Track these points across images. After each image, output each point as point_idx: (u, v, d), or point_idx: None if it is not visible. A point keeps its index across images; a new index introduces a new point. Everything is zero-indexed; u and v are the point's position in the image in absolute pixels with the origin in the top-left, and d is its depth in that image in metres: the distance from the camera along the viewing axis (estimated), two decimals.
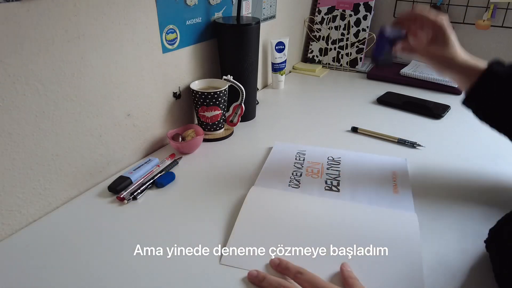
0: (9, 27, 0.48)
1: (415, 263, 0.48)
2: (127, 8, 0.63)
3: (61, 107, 0.57)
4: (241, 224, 0.55)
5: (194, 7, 0.78)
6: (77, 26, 0.56)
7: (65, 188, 0.61)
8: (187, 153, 0.76)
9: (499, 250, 0.47)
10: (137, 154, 0.74)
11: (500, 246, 0.47)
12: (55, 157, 0.58)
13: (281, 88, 1.14)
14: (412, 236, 0.52)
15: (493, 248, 0.48)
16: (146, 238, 0.53)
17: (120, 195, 0.61)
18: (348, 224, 0.54)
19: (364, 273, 0.47)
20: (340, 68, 1.31)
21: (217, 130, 0.82)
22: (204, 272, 0.48)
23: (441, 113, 0.93)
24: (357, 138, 0.83)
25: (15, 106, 0.51)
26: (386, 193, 0.62)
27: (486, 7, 1.17)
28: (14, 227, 0.55)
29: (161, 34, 0.71)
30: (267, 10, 1.06)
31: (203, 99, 0.77)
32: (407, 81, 1.15)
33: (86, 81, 0.60)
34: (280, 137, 0.82)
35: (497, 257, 0.46)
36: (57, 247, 0.52)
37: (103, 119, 0.64)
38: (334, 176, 0.67)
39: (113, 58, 0.63)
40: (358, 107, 1.00)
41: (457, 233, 0.55)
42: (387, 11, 1.34)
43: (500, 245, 0.47)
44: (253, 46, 0.83)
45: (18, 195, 0.55)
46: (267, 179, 0.66)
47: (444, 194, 0.63)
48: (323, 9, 1.30)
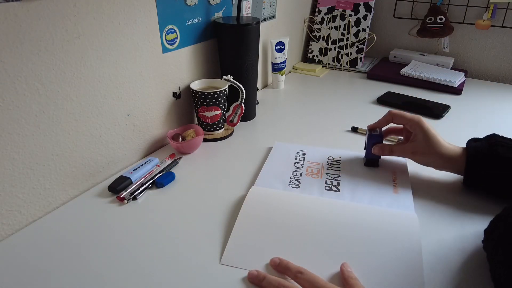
0: (9, 27, 0.48)
1: (415, 263, 0.48)
2: (127, 8, 0.63)
3: (61, 107, 0.57)
4: (241, 224, 0.55)
5: (194, 7, 0.78)
6: (77, 26, 0.56)
7: (65, 188, 0.61)
8: (187, 153, 0.76)
9: (493, 250, 0.47)
10: (137, 154, 0.74)
11: (493, 246, 0.47)
12: (55, 157, 0.58)
13: (281, 88, 1.14)
14: (412, 236, 0.52)
15: (489, 247, 0.48)
16: (146, 238, 0.53)
17: (120, 195, 0.61)
18: (348, 224, 0.54)
19: (364, 273, 0.47)
20: (340, 68, 1.31)
21: (217, 130, 0.82)
22: (204, 272, 0.48)
23: (441, 113, 0.93)
24: (357, 138, 0.83)
25: (15, 106, 0.51)
26: (386, 193, 0.62)
27: (486, 7, 1.17)
28: (14, 227, 0.55)
29: (161, 34, 0.71)
30: (267, 10, 1.06)
31: (203, 99, 0.77)
32: (407, 81, 1.15)
33: (86, 81, 0.60)
34: (280, 137, 0.82)
35: (491, 256, 0.47)
36: (57, 247, 0.52)
37: (103, 119, 0.64)
38: (334, 176, 0.67)
39: (113, 58, 0.63)
40: (358, 107, 1.00)
41: (457, 233, 0.55)
42: (387, 11, 1.34)
43: (493, 245, 0.47)
44: (253, 46, 0.83)
45: (18, 195, 0.55)
46: (267, 179, 0.66)
47: (444, 194, 0.63)
48: (323, 9, 1.30)
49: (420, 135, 0.63)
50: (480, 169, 0.59)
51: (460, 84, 1.11)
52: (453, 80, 1.09)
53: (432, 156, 0.63)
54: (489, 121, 0.92)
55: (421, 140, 0.63)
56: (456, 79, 1.10)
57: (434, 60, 1.24)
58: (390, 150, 0.67)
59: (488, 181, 0.60)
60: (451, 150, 0.62)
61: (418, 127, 0.63)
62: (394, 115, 0.66)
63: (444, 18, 1.21)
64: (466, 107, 0.99)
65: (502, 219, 0.47)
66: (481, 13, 1.19)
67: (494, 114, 0.96)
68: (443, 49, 1.29)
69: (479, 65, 1.27)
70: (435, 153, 0.62)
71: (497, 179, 0.59)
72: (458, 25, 1.23)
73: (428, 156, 0.63)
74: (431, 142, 0.62)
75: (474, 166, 0.60)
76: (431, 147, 0.62)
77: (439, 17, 1.21)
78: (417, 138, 0.64)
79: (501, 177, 0.58)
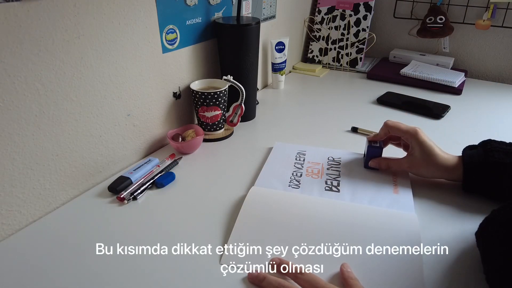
0: (9, 27, 0.48)
1: (415, 263, 0.48)
2: (127, 8, 0.63)
3: (61, 107, 0.57)
4: (241, 224, 0.55)
5: (194, 7, 0.78)
6: (77, 26, 0.56)
7: (65, 188, 0.61)
8: (187, 153, 0.76)
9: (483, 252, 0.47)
10: (137, 154, 0.74)
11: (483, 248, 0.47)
12: (55, 157, 0.58)
13: (281, 88, 1.14)
14: (412, 236, 0.52)
15: (480, 249, 0.48)
16: (146, 238, 0.53)
17: (120, 195, 0.61)
18: (348, 224, 0.54)
19: (364, 273, 0.47)
20: (340, 68, 1.31)
21: (217, 130, 0.82)
22: (204, 272, 0.48)
23: (441, 113, 0.93)
24: (357, 138, 0.83)
25: (15, 106, 0.51)
26: (386, 193, 0.62)
27: (486, 7, 1.17)
28: (14, 227, 0.55)
29: (161, 34, 0.71)
30: (267, 10, 1.06)
31: (203, 99, 0.77)
32: (407, 81, 1.15)
33: (86, 81, 0.60)
34: (280, 137, 0.82)
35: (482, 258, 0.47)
36: (57, 247, 0.52)
37: (103, 119, 0.64)
38: (334, 176, 0.67)
39: (113, 58, 0.63)
40: (358, 107, 1.00)
41: (457, 233, 0.55)
42: (387, 11, 1.34)
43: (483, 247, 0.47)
44: (253, 46, 0.83)
45: (18, 195, 0.54)
46: (267, 179, 0.66)
47: (444, 195, 0.63)
48: (323, 9, 1.30)
49: (416, 148, 0.63)
50: (477, 177, 0.60)
51: (460, 84, 1.11)
52: (453, 80, 1.09)
53: (429, 168, 0.63)
54: (489, 121, 0.92)
55: (417, 154, 0.63)
56: (456, 79, 1.10)
57: (434, 60, 1.24)
58: (387, 165, 0.67)
59: (486, 187, 0.60)
60: (447, 160, 0.62)
61: (414, 140, 0.63)
62: (390, 127, 0.66)
63: (444, 18, 1.21)
64: (466, 107, 0.99)
65: (490, 222, 0.48)
66: (481, 13, 1.19)
67: (494, 114, 0.96)
68: (443, 49, 1.29)
69: (479, 65, 1.27)
70: (432, 165, 0.62)
71: (495, 185, 0.59)
72: (458, 25, 1.23)
73: (426, 169, 0.64)
74: (427, 155, 0.62)
75: (471, 175, 0.60)
76: (428, 160, 0.62)
77: (439, 17, 1.21)
78: (414, 152, 0.64)
79: (498, 182, 0.58)
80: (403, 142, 0.69)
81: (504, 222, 0.44)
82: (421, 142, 0.63)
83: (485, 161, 0.59)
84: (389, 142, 0.72)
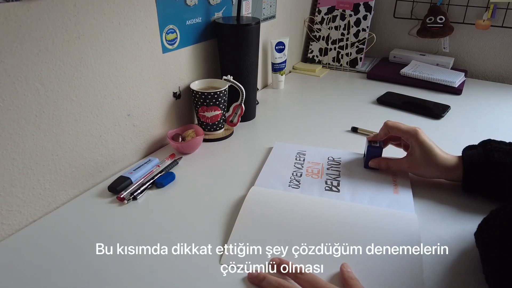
0: (9, 27, 0.48)
1: (415, 263, 0.48)
2: (127, 8, 0.63)
3: (61, 107, 0.57)
4: (241, 224, 0.55)
5: (194, 7, 0.78)
6: (77, 26, 0.56)
7: (65, 188, 0.61)
8: (187, 153, 0.76)
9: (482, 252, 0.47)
10: (137, 154, 0.74)
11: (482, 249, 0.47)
12: (55, 157, 0.58)
13: (281, 88, 1.14)
14: (412, 236, 0.52)
15: (479, 250, 0.48)
16: (146, 238, 0.53)
17: (120, 195, 0.61)
18: (348, 224, 0.54)
19: (364, 273, 0.47)
20: (340, 68, 1.31)
21: (217, 130, 0.82)
22: (204, 272, 0.48)
23: (441, 113, 0.93)
24: (357, 138, 0.83)
25: (15, 106, 0.51)
26: (386, 193, 0.62)
27: (486, 7, 1.17)
28: (14, 227, 0.55)
29: (161, 34, 0.71)
30: (267, 10, 1.06)
31: (203, 99, 0.77)
32: (407, 81, 1.15)
33: (86, 81, 0.60)
34: (280, 137, 0.82)
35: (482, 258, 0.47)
36: (57, 247, 0.52)
37: (103, 119, 0.64)
38: (334, 176, 0.67)
39: (113, 58, 0.63)
40: (358, 107, 1.00)
41: (457, 234, 0.55)
42: (387, 11, 1.34)
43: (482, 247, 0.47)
44: (253, 46, 0.83)
45: (18, 195, 0.54)
46: (267, 179, 0.66)
47: (444, 195, 0.63)
48: (323, 9, 1.30)
49: (416, 148, 0.63)
50: (477, 177, 0.60)
51: (460, 84, 1.11)
52: (453, 80, 1.09)
53: (429, 168, 0.63)
54: (489, 121, 0.92)
55: (417, 155, 0.63)
56: (456, 79, 1.10)
57: (434, 60, 1.24)
58: (387, 165, 0.67)
59: (486, 187, 0.60)
60: (447, 160, 0.62)
61: (414, 140, 0.63)
62: (390, 128, 0.66)
63: (444, 18, 1.21)
64: (466, 107, 0.99)
65: (489, 222, 0.48)
66: (481, 13, 1.19)
67: (494, 114, 0.96)
68: (443, 49, 1.29)
69: (479, 65, 1.27)
70: (432, 165, 0.62)
71: (495, 185, 0.59)
72: (458, 25, 1.23)
73: (426, 169, 0.64)
74: (427, 155, 0.62)
75: (471, 175, 0.60)
76: (428, 160, 0.62)
77: (439, 17, 1.21)
78: (414, 152, 0.64)
79: (498, 182, 0.58)
80: (403, 142, 0.69)
81: (503, 223, 0.44)
82: (421, 142, 0.63)
83: (485, 161, 0.59)
84: (389, 142, 0.72)
